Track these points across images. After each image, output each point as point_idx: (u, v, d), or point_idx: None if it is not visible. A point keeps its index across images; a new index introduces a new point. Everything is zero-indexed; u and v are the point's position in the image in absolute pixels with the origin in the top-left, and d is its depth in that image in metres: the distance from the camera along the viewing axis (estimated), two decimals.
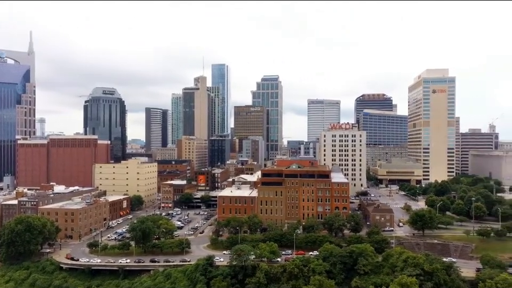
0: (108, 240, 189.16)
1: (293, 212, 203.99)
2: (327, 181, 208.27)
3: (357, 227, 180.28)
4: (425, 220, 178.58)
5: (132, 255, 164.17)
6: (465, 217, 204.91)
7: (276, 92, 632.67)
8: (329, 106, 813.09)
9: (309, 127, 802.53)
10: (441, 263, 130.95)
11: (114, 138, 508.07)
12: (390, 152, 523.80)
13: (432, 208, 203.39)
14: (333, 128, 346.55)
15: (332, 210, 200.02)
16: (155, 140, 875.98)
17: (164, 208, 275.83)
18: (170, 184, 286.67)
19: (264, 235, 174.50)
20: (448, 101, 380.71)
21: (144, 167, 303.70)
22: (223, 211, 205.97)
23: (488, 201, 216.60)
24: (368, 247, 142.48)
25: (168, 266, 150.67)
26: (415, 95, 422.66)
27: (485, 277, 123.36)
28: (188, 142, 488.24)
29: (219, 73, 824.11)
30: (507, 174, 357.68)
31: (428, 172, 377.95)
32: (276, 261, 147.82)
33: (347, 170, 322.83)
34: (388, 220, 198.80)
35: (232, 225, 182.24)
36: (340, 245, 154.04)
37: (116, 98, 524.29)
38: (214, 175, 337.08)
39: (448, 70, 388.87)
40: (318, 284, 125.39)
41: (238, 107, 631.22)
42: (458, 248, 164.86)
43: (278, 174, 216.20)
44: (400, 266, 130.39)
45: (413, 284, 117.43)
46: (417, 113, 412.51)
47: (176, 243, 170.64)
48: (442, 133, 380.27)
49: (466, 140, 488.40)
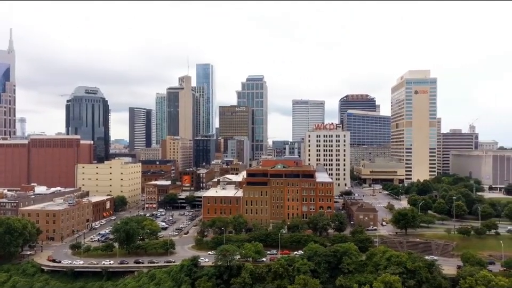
0: (90, 242, 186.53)
1: (278, 211, 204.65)
2: (312, 181, 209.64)
3: (341, 226, 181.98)
4: (407, 219, 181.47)
5: (115, 257, 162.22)
6: (447, 216, 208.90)
7: (260, 92, 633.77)
8: (314, 106, 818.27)
9: (293, 127, 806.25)
10: (424, 261, 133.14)
11: (97, 138, 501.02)
12: (373, 152, 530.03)
13: (415, 207, 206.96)
14: (317, 128, 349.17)
15: (316, 210, 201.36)
16: (139, 140, 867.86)
17: (148, 209, 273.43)
18: (154, 185, 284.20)
19: (249, 235, 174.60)
20: (430, 102, 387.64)
21: (128, 167, 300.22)
22: (208, 211, 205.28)
23: (468, 200, 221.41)
24: (352, 246, 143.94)
25: (152, 267, 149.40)
26: (397, 95, 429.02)
27: (466, 274, 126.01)
28: (172, 142, 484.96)
29: (204, 73, 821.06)
30: (486, 174, 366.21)
31: (410, 171, 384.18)
32: (261, 261, 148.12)
33: (331, 170, 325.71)
34: (372, 219, 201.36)
35: (217, 226, 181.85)
36: (324, 244, 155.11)
37: (98, 98, 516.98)
38: (199, 175, 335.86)
39: (429, 71, 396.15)
40: (303, 283, 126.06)
41: (223, 107, 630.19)
42: (439, 247, 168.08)
43: (263, 174, 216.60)
44: (383, 264, 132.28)
45: (396, 282, 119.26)
46: (399, 113, 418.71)
47: (161, 244, 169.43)
48: (424, 133, 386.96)
49: (448, 140, 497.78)
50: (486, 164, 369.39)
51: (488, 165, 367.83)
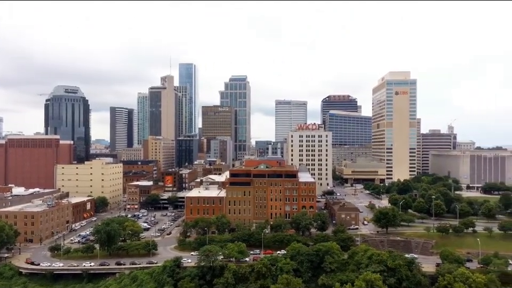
0: (70, 244, 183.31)
1: (261, 211, 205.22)
2: (295, 181, 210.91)
3: (323, 226, 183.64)
4: (388, 218, 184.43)
5: (96, 258, 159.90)
6: (426, 214, 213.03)
7: (244, 92, 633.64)
8: (297, 107, 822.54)
9: (276, 127, 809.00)
10: (404, 259, 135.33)
11: (77, 138, 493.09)
12: (355, 152, 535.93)
13: (395, 206, 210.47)
14: (300, 128, 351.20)
15: (299, 210, 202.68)
16: (120, 140, 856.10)
17: (129, 209, 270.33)
18: (136, 185, 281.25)
19: (232, 235, 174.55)
20: (410, 103, 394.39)
21: (109, 167, 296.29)
22: (190, 212, 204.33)
23: (447, 199, 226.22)
24: (334, 245, 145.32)
25: (134, 269, 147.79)
26: (378, 96, 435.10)
27: (444, 271, 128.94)
28: (154, 142, 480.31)
29: (186, 73, 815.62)
30: (464, 173, 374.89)
31: (391, 171, 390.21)
32: (244, 261, 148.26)
33: (314, 170, 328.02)
34: (353, 218, 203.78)
35: (200, 226, 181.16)
36: (307, 244, 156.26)
37: (79, 97, 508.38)
38: (181, 176, 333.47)
39: (410, 73, 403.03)
40: (286, 283, 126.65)
41: (206, 107, 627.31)
42: (419, 245, 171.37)
43: (246, 174, 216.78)
44: (365, 263, 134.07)
45: (377, 280, 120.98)
46: (380, 114, 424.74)
47: (143, 245, 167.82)
48: (404, 133, 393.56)
49: (427, 140, 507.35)
50: (464, 164, 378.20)
51: (466, 164, 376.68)
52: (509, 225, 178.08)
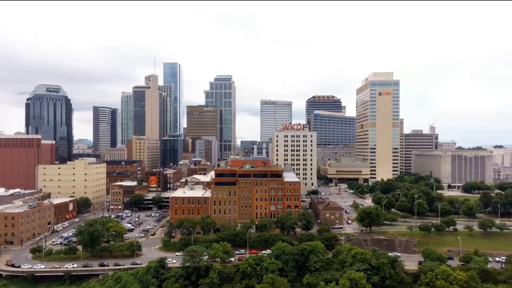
0: (52, 245, 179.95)
1: (246, 211, 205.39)
2: (280, 181, 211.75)
3: (308, 225, 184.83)
4: (372, 217, 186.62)
5: (79, 260, 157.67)
6: (409, 213, 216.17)
7: (229, 92, 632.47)
8: (282, 107, 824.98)
9: (261, 127, 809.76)
10: (387, 257, 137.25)
11: (59, 138, 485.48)
12: (339, 152, 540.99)
13: (379, 206, 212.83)
14: (285, 128, 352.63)
15: (284, 209, 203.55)
16: (104, 140, 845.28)
17: (113, 210, 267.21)
18: (120, 186, 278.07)
19: (217, 235, 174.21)
20: (393, 103, 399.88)
21: (92, 168, 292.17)
22: (175, 212, 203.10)
23: (429, 198, 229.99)
24: (319, 244, 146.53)
25: (118, 270, 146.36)
26: (362, 97, 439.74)
27: (426, 269, 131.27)
28: (138, 142, 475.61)
29: (171, 72, 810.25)
30: (445, 173, 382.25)
31: (374, 170, 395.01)
32: (229, 261, 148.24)
33: (298, 170, 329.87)
34: (338, 217, 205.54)
35: (185, 226, 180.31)
36: (291, 243, 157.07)
37: (61, 96, 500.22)
38: (166, 176, 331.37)
39: (393, 74, 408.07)
40: (271, 282, 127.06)
41: (191, 107, 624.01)
42: (402, 243, 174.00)
43: (231, 174, 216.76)
44: (349, 262, 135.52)
45: (360, 279, 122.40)
46: (364, 114, 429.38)
47: (127, 246, 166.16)
48: (387, 133, 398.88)
49: (409, 140, 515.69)
50: (445, 163, 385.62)
51: (447, 164, 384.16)
52: (488, 223, 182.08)
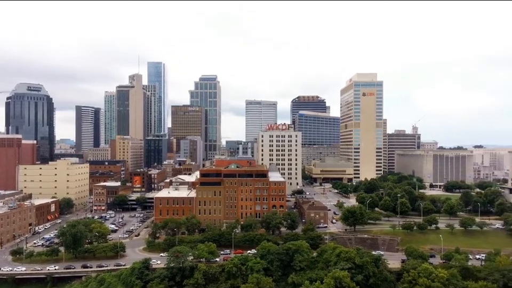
0: (34, 247, 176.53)
1: (232, 211, 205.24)
2: (265, 180, 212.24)
3: (293, 224, 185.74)
4: (356, 216, 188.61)
5: (61, 262, 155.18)
6: (392, 212, 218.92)
7: (214, 91, 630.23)
8: (267, 107, 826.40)
9: (247, 127, 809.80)
10: (371, 256, 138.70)
11: (41, 138, 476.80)
12: (323, 152, 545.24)
13: (363, 205, 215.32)
14: (270, 128, 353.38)
15: (269, 209, 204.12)
16: (86, 139, 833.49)
17: (96, 211, 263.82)
18: (103, 186, 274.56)
19: (202, 235, 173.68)
20: (377, 104, 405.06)
21: (75, 168, 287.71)
22: (160, 213, 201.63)
23: (411, 197, 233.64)
24: (304, 244, 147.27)
25: (101, 272, 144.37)
26: (346, 97, 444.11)
27: (409, 267, 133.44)
28: (122, 142, 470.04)
29: (155, 72, 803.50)
30: (427, 172, 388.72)
31: (358, 170, 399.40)
32: (214, 261, 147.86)
33: (283, 170, 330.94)
34: (322, 216, 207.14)
35: (170, 227, 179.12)
36: (277, 243, 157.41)
37: (42, 95, 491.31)
38: (150, 176, 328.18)
39: (376, 75, 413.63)
40: (256, 282, 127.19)
41: (176, 106, 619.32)
42: (385, 242, 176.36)
43: (216, 174, 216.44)
44: (333, 261, 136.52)
45: (345, 277, 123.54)
46: (348, 115, 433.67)
47: (110, 247, 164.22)
48: (371, 133, 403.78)
49: (393, 140, 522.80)
50: (427, 163, 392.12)
51: (429, 163, 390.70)
52: (468, 222, 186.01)
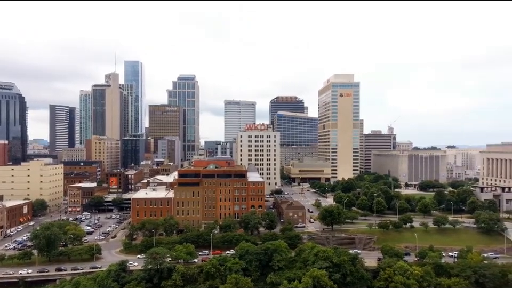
0: (5, 250, 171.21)
1: (210, 212, 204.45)
2: (244, 181, 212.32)
3: (271, 224, 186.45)
4: (333, 216, 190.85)
5: (34, 265, 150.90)
6: (369, 211, 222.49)
7: (192, 91, 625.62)
8: (245, 107, 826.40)
9: (225, 127, 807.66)
10: (348, 255, 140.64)
11: (12, 138, 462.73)
12: (302, 152, 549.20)
13: (340, 204, 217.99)
14: (249, 129, 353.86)
15: (248, 209, 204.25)
16: (61, 139, 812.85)
17: (71, 212, 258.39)
18: (78, 187, 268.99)
19: (180, 237, 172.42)
20: (354, 104, 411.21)
21: (48, 169, 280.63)
22: (137, 214, 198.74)
23: (387, 197, 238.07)
24: (282, 243, 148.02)
25: (76, 274, 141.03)
26: (324, 98, 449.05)
27: (385, 265, 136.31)
28: (98, 142, 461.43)
29: (132, 71, 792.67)
30: (403, 172, 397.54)
31: (335, 170, 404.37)
32: (192, 262, 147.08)
33: (262, 170, 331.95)
34: (300, 216, 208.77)
35: (147, 228, 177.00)
36: (255, 243, 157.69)
37: (14, 94, 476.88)
38: (127, 177, 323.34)
39: (353, 76, 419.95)
40: (235, 282, 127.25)
41: (153, 106, 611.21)
42: (362, 241, 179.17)
43: (195, 175, 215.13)
44: (311, 260, 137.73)
45: (323, 276, 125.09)
46: (326, 115, 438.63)
47: (86, 249, 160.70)
48: (348, 134, 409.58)
49: (369, 140, 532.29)
50: (403, 163, 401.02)
51: (404, 163, 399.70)
52: (442, 220, 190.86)
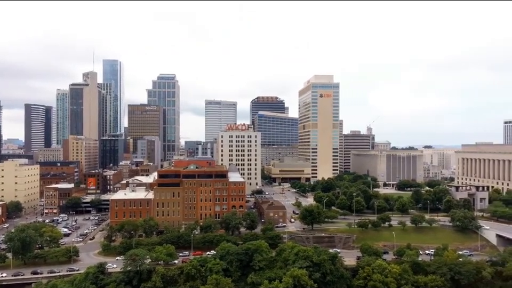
0: None
1: (191, 212, 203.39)
2: (225, 181, 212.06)
3: (252, 224, 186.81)
4: (314, 215, 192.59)
5: (9, 268, 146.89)
6: (348, 211, 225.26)
7: (173, 91, 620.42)
8: (227, 107, 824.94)
9: (206, 127, 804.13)
10: (328, 254, 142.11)
11: None
12: (282, 152, 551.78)
13: (320, 204, 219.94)
14: (229, 129, 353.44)
15: (229, 209, 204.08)
16: (37, 139, 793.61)
17: (47, 214, 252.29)
18: (55, 188, 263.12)
19: (160, 238, 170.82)
20: (333, 105, 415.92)
21: (24, 169, 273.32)
22: (116, 215, 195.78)
23: (366, 196, 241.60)
24: (263, 243, 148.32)
25: (53, 278, 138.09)
26: (304, 98, 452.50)
27: (364, 264, 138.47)
28: (75, 142, 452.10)
29: (111, 70, 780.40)
30: (381, 171, 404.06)
31: (315, 170, 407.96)
32: (172, 263, 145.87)
33: (243, 170, 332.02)
34: (281, 216, 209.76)
35: (126, 230, 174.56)
36: (236, 243, 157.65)
37: None
38: (105, 177, 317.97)
39: (333, 76, 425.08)
40: (215, 283, 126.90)
41: (132, 105, 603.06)
42: (342, 240, 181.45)
43: (175, 175, 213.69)
44: (292, 259, 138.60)
45: (303, 275, 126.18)
46: (306, 115, 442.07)
47: (63, 252, 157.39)
48: (328, 134, 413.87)
49: (348, 140, 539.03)
50: (381, 163, 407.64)
51: (383, 163, 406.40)
52: (419, 219, 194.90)
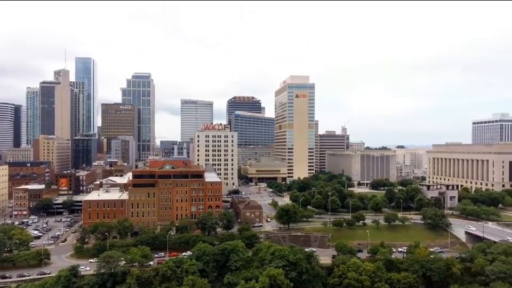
0: None
1: (166, 213, 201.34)
2: (201, 181, 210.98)
3: (229, 225, 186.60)
4: (290, 215, 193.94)
5: None
6: (323, 210, 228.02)
7: (147, 90, 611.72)
8: (203, 107, 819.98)
9: (182, 127, 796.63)
10: (304, 253, 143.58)
11: None
12: (259, 152, 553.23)
13: (296, 203, 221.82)
14: (206, 128, 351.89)
15: (205, 210, 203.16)
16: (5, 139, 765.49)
17: (17, 216, 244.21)
18: (24, 189, 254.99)
19: (135, 239, 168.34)
20: (309, 105, 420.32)
21: None
22: (89, 216, 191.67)
23: (341, 195, 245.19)
24: (240, 243, 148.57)
25: (22, 282, 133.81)
26: (280, 99, 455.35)
27: (339, 262, 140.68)
28: (46, 141, 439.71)
29: (84, 68, 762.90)
30: (355, 171, 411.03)
31: (291, 170, 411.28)
32: (148, 265, 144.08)
33: (220, 170, 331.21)
34: (258, 216, 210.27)
35: (100, 231, 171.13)
36: (212, 243, 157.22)
37: None
38: (78, 178, 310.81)
39: (309, 77, 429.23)
40: (191, 284, 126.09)
41: (106, 105, 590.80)
42: (317, 239, 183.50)
43: (150, 175, 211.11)
44: (268, 259, 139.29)
45: (279, 275, 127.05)
46: (282, 116, 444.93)
47: (33, 255, 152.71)
48: (303, 134, 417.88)
49: (324, 140, 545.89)
50: (355, 162, 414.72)
51: (357, 163, 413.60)
52: (392, 217, 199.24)
